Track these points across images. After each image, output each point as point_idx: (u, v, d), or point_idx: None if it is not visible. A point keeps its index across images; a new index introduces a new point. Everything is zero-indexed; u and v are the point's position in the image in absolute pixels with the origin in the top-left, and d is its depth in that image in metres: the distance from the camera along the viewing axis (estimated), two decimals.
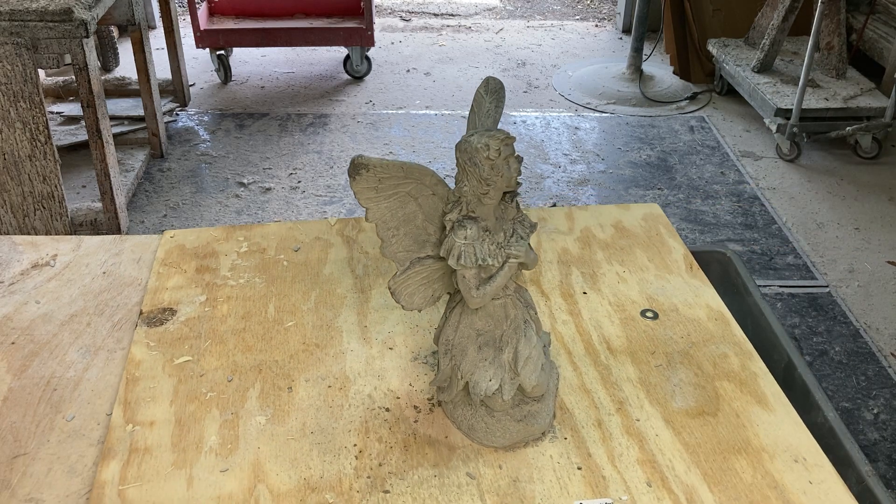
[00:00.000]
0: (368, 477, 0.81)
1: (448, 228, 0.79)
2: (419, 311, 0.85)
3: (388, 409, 0.89)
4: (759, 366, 0.97)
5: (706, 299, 1.08)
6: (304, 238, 1.18)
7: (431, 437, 0.86)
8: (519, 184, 0.79)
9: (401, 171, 0.77)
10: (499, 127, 0.80)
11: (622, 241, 1.20)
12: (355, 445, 0.85)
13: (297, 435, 0.86)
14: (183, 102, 3.75)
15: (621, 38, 4.80)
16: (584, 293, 1.08)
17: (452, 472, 0.82)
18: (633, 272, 1.13)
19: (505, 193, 0.79)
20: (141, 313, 1.03)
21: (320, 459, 0.83)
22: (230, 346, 0.98)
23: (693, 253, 1.21)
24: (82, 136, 3.14)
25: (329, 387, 0.92)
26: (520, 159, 0.78)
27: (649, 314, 1.05)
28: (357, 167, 0.75)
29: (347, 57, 4.11)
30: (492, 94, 0.81)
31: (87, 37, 2.34)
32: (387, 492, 0.80)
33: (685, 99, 3.97)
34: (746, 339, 1.01)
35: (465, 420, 0.86)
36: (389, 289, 0.83)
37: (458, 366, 0.85)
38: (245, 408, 0.89)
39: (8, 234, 2.43)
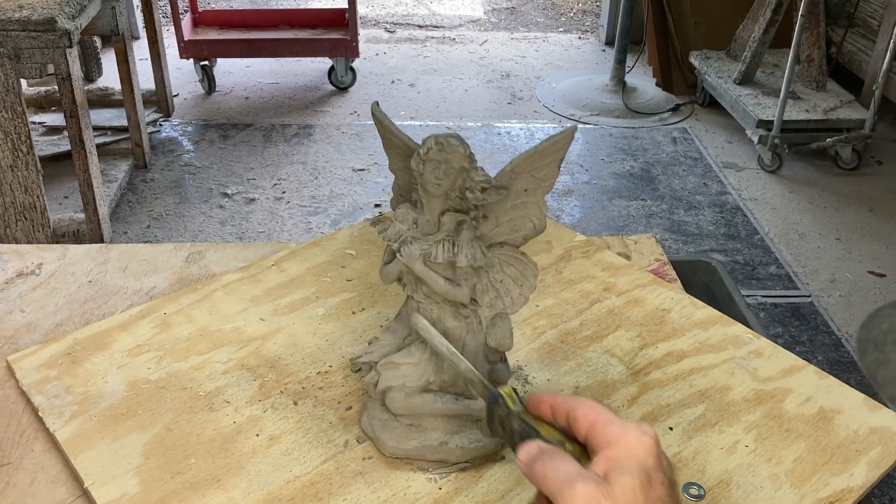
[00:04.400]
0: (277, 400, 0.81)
1: None
2: None
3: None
4: None
5: None
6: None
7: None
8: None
9: (392, 135, 0.78)
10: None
11: None
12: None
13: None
14: (166, 113, 3.73)
15: (604, 51, 4.84)
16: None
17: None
18: None
19: (452, 209, 0.77)
20: None
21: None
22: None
23: (678, 262, 1.22)
24: (65, 146, 3.13)
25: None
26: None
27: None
28: (372, 113, 0.78)
29: (332, 68, 4.11)
30: (554, 137, 0.79)
31: (71, 47, 2.33)
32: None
33: (668, 110, 4.00)
34: None
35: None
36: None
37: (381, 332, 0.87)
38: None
39: None
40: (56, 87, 2.75)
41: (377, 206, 3.11)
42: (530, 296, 0.83)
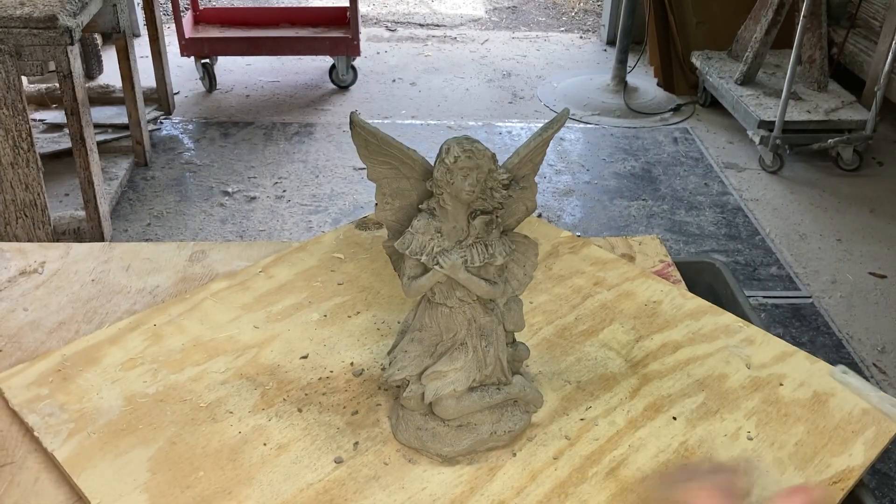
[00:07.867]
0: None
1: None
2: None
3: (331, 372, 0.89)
4: None
5: None
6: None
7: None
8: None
9: (386, 144, 0.77)
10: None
11: None
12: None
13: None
14: (167, 111, 3.73)
15: (606, 50, 4.83)
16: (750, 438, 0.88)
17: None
18: None
19: (479, 212, 0.78)
20: None
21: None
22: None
23: (681, 264, 1.22)
24: (66, 143, 3.12)
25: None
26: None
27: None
28: (351, 122, 0.77)
29: (333, 66, 4.11)
30: (554, 122, 0.80)
31: (72, 44, 2.32)
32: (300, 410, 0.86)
33: (669, 110, 4.00)
34: None
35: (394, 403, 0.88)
36: (384, 246, 0.84)
37: (397, 344, 0.86)
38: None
39: None
40: (57, 84, 2.75)
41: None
42: (533, 273, 0.85)
